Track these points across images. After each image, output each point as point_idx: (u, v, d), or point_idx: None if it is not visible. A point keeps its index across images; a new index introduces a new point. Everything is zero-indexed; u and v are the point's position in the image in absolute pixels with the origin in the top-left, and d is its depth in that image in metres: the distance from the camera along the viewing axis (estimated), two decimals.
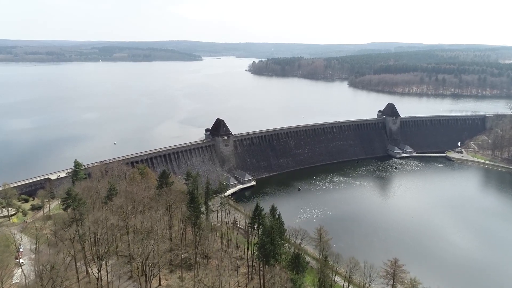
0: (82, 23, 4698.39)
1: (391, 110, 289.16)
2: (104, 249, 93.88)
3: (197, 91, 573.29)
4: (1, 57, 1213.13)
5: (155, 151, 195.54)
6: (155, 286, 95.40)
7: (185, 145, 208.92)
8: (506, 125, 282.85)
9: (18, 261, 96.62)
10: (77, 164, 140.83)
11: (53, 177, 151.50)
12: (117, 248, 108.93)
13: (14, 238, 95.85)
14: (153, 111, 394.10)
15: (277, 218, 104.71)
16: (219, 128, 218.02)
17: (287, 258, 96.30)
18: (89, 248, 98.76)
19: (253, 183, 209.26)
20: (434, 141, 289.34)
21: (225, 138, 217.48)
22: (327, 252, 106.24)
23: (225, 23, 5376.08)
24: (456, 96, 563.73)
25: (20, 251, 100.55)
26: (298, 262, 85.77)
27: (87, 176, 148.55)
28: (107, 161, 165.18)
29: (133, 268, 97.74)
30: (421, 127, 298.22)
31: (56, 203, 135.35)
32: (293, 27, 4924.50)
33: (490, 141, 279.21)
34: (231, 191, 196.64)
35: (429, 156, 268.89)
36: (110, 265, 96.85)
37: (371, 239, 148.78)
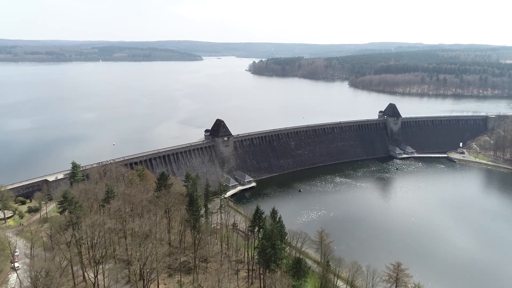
0: (82, 23, 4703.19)
1: (392, 111, 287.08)
2: (101, 253, 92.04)
3: (197, 91, 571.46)
4: (1, 57, 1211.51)
5: (154, 152, 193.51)
6: None
7: (184, 146, 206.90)
8: (508, 125, 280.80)
9: (13, 265, 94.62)
10: (75, 165, 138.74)
11: (50, 178, 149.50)
12: (114, 251, 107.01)
13: (9, 241, 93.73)
14: (152, 111, 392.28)
15: (277, 221, 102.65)
16: (219, 129, 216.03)
17: (288, 263, 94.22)
18: (86, 252, 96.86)
19: (253, 184, 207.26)
20: (436, 142, 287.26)
21: (225, 138, 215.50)
22: (329, 256, 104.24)
23: (225, 23, 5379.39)
24: (457, 96, 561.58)
25: (16, 255, 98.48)
26: (299, 267, 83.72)
27: (85, 177, 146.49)
28: (106, 163, 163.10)
29: (131, 273, 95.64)
30: (422, 127, 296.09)
31: (53, 205, 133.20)
32: (293, 27, 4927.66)
33: (492, 141, 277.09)
34: (231, 192, 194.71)
35: (431, 157, 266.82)
36: (107, 269, 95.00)
37: (373, 241, 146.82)
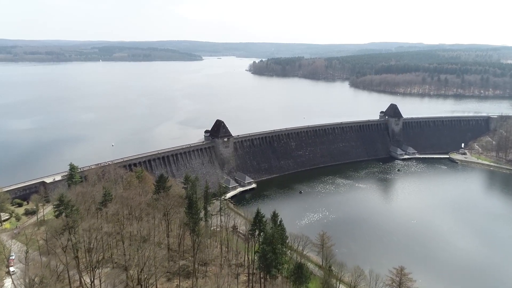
0: (82, 23, 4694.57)
1: (393, 111, 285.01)
2: (98, 257, 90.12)
3: (197, 91, 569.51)
4: (0, 57, 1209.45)
5: (153, 153, 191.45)
6: None
7: (184, 147, 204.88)
8: (510, 126, 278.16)
9: (8, 270, 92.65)
10: (72, 167, 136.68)
11: (48, 180, 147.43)
12: (112, 255, 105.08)
13: (3, 245, 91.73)
14: (152, 111, 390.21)
15: (278, 224, 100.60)
16: (219, 130, 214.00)
17: (289, 268, 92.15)
18: (83, 256, 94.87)
19: (253, 185, 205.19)
20: (437, 142, 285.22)
21: (225, 139, 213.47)
22: (331, 260, 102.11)
23: (225, 23, 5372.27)
24: (459, 97, 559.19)
25: (11, 258, 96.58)
26: (301, 273, 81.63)
27: (83, 179, 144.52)
28: (104, 164, 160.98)
29: (129, 278, 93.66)
30: (424, 128, 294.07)
31: (50, 207, 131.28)
32: (293, 27, 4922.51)
33: (494, 142, 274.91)
34: (231, 194, 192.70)
35: (432, 158, 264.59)
36: (104, 274, 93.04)
37: (374, 244, 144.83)
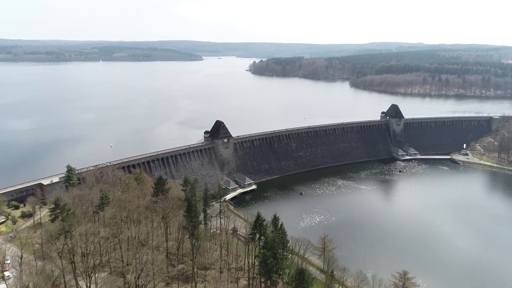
0: (82, 23, 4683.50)
1: (394, 111, 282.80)
2: (95, 262, 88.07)
3: (197, 91, 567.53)
4: (0, 57, 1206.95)
5: (152, 154, 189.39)
6: None
7: (183, 148, 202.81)
8: None
9: (3, 274, 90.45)
10: (70, 169, 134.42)
11: (45, 182, 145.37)
12: (109, 259, 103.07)
13: None
14: (152, 112, 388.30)
15: (279, 228, 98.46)
16: (218, 130, 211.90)
17: (290, 273, 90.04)
18: (80, 260, 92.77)
19: (253, 187, 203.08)
20: (439, 143, 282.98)
21: (225, 140, 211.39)
22: (333, 265, 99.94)
23: (225, 23, 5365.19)
24: (460, 97, 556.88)
25: (7, 263, 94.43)
26: (302, 279, 79.54)
27: (81, 181, 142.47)
28: (102, 165, 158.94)
29: (126, 283, 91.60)
30: (425, 128, 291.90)
31: (47, 210, 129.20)
32: (294, 27, 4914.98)
33: (496, 143, 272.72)
34: (231, 195, 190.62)
35: (434, 159, 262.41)
36: (101, 279, 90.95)
37: (376, 246, 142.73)
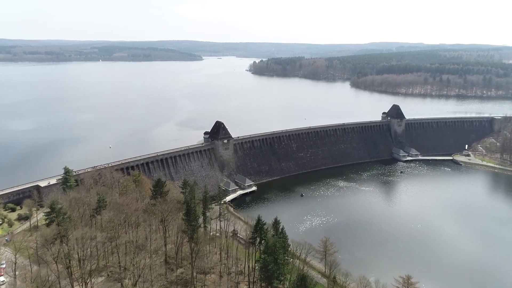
0: (82, 23, 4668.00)
1: (396, 112, 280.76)
2: (91, 267, 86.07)
3: (197, 91, 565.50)
4: (0, 57, 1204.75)
5: (151, 155, 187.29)
6: None
7: (183, 149, 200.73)
8: None
9: None
10: (67, 171, 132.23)
11: (42, 184, 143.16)
12: (107, 263, 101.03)
13: None
14: (151, 112, 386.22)
15: (280, 232, 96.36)
16: (218, 131, 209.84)
17: (291, 278, 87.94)
18: (76, 264, 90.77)
19: (254, 188, 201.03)
20: (440, 144, 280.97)
21: (225, 141, 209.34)
22: (335, 270, 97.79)
23: (225, 23, 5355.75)
24: (461, 97, 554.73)
25: (2, 267, 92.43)
26: (304, 285, 77.42)
27: (78, 183, 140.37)
28: (100, 167, 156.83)
29: (124, 287, 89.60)
30: (426, 129, 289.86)
31: (43, 213, 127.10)
32: (294, 27, 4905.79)
33: (498, 144, 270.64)
34: (231, 197, 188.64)
35: (436, 160, 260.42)
36: (98, 283, 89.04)
37: (378, 250, 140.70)
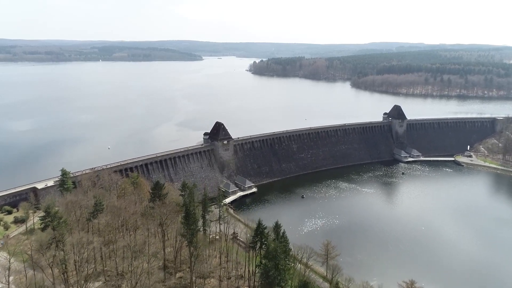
0: (82, 23, 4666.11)
1: (397, 113, 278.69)
2: (88, 272, 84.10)
3: (196, 91, 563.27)
4: (0, 56, 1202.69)
5: (151, 156, 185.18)
6: None
7: (182, 150, 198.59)
8: None
9: None
10: (64, 173, 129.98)
11: (40, 186, 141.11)
12: (104, 268, 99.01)
13: None
14: (151, 112, 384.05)
15: (281, 236, 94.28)
16: (218, 132, 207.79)
17: (293, 284, 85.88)
18: (72, 269, 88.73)
19: (254, 189, 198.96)
20: (442, 145, 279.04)
21: (225, 142, 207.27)
22: (337, 275, 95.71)
23: (225, 23, 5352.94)
24: (462, 97, 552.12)
25: None
26: None
27: (76, 185, 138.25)
28: (99, 168, 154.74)
29: None
30: (428, 130, 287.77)
31: (38, 218, 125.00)
32: (294, 27, 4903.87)
33: (500, 144, 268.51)
34: (231, 198, 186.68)
35: (437, 161, 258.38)
36: None
37: (381, 252, 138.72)
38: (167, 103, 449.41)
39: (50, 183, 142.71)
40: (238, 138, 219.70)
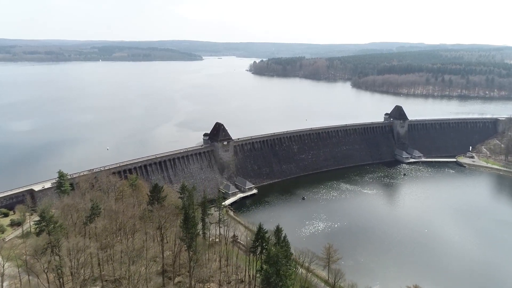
0: (82, 23, 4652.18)
1: (398, 113, 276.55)
2: (85, 277, 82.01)
3: (196, 91, 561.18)
4: (0, 56, 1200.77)
5: (150, 157, 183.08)
6: None
7: (182, 151, 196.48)
8: None
9: None
10: (61, 175, 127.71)
11: (37, 188, 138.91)
12: (102, 271, 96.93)
13: None
14: (150, 113, 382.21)
15: (282, 240, 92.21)
16: (218, 133, 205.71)
17: None
18: (68, 274, 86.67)
19: (254, 191, 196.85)
20: (444, 145, 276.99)
21: (225, 143, 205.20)
22: (339, 280, 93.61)
23: (225, 23, 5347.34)
24: (463, 98, 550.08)
25: None
26: None
27: (74, 187, 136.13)
28: (97, 170, 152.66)
29: None
30: (429, 130, 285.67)
31: (32, 222, 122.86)
32: (294, 27, 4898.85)
33: (503, 145, 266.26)
34: (231, 200, 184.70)
35: (439, 161, 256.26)
36: None
37: (383, 255, 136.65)
38: (167, 103, 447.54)
39: (48, 185, 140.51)
40: (238, 139, 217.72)
